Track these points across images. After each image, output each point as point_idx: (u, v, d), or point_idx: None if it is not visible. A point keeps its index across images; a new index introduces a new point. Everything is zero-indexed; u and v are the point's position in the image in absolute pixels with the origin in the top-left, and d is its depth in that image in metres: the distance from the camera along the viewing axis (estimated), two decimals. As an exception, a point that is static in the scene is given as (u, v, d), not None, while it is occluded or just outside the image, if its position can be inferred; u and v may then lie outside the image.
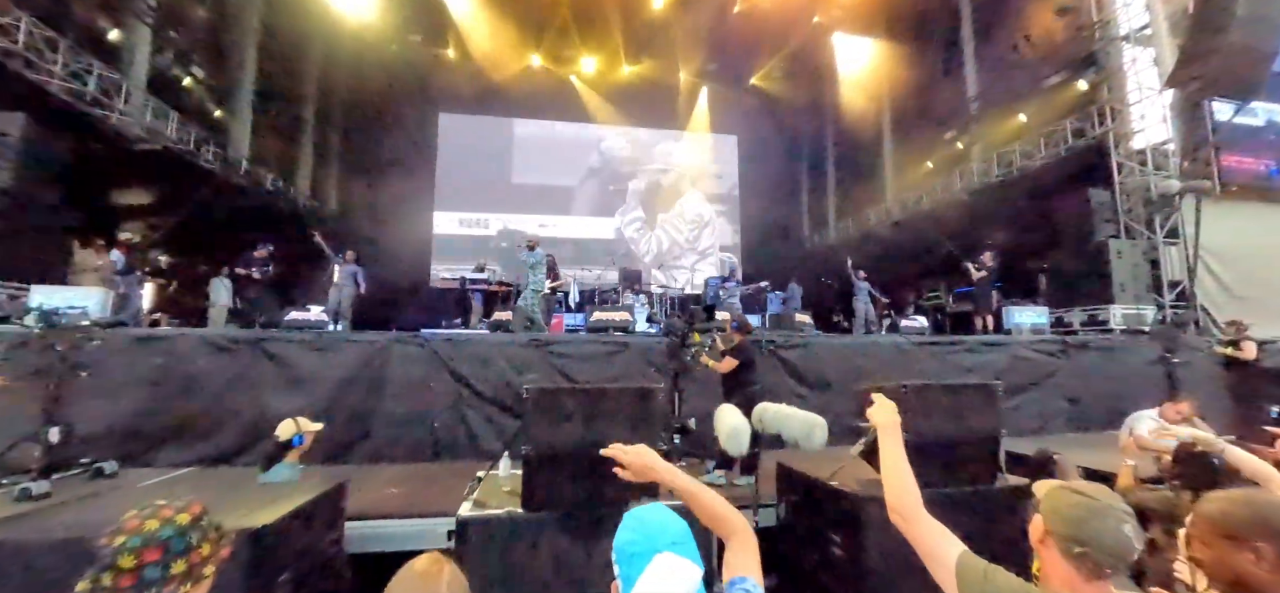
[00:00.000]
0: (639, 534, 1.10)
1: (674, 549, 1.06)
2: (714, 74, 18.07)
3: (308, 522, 2.44)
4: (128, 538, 1.12)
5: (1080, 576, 1.17)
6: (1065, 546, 1.19)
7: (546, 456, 2.28)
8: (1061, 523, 1.21)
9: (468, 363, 5.42)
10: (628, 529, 1.14)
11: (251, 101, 12.65)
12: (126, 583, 1.09)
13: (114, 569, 1.09)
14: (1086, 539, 1.16)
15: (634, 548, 1.07)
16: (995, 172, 12.08)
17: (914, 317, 9.66)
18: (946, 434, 2.82)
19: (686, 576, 1.02)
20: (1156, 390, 6.21)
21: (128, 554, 1.11)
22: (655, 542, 1.07)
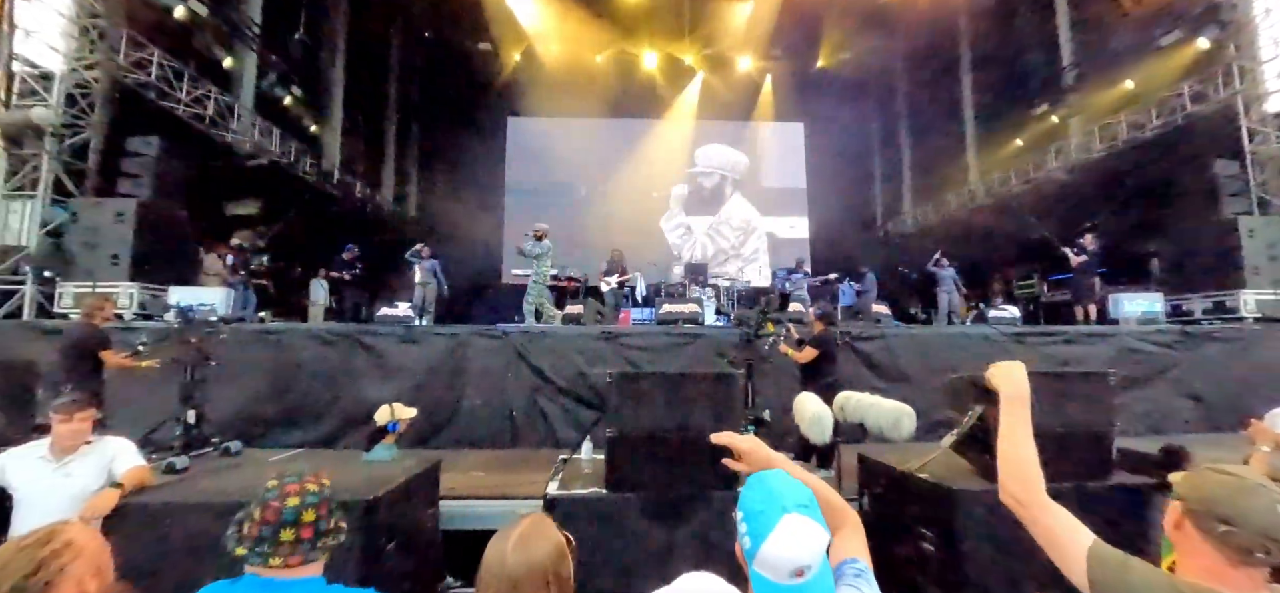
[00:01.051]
0: (767, 495, 1.09)
1: (801, 512, 1.06)
2: (778, 60, 17.55)
3: (409, 497, 2.64)
4: (303, 498, 1.30)
5: (1225, 560, 1.03)
6: (1208, 524, 1.06)
7: (629, 439, 2.33)
8: (1203, 501, 1.08)
9: (543, 355, 5.62)
10: (754, 490, 1.12)
11: (341, 115, 13.70)
12: (306, 535, 1.27)
13: (297, 524, 1.27)
14: (1233, 517, 1.03)
15: (762, 507, 1.06)
16: (1097, 146, 10.98)
17: (1003, 307, 9.00)
18: (1049, 426, 2.62)
19: (815, 537, 1.01)
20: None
21: (309, 509, 1.29)
22: (783, 503, 1.06)
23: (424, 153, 17.01)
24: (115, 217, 6.94)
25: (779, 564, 0.99)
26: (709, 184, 17.37)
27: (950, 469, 2.77)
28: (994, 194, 13.49)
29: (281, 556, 1.24)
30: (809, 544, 1.00)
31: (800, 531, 1.01)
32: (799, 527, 1.01)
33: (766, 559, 1.00)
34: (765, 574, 1.01)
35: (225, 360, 5.45)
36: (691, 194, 17.39)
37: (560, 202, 16.69)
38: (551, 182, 16.90)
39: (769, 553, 1.00)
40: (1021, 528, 2.58)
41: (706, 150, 17.60)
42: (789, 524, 1.01)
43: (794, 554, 0.99)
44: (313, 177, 11.94)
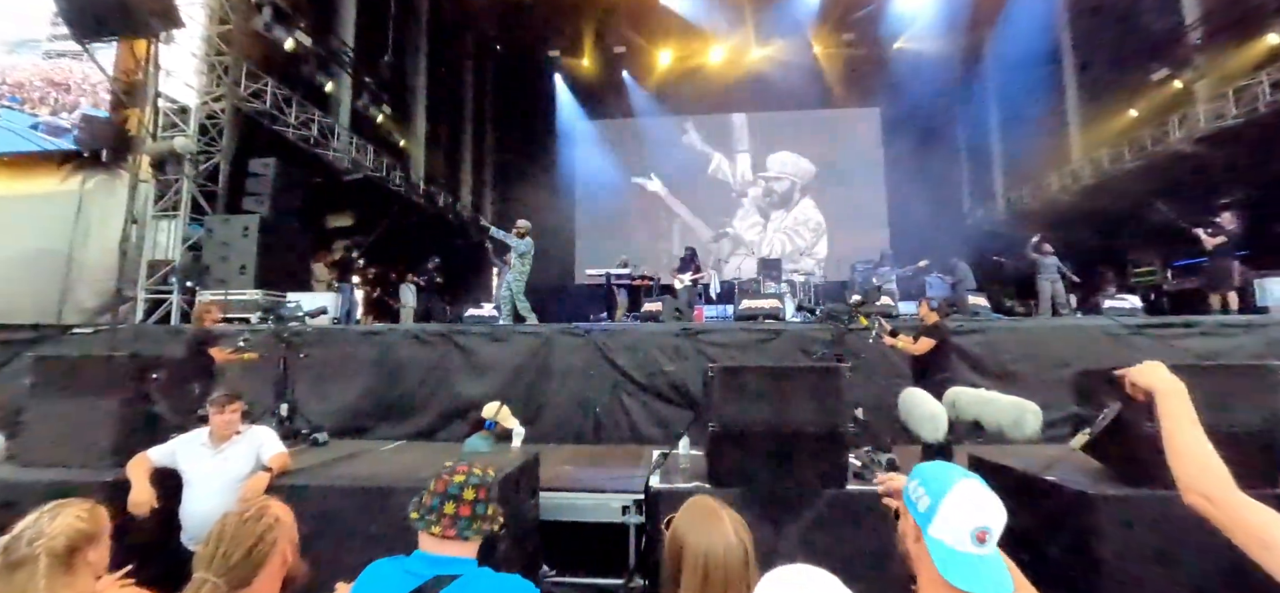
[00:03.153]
0: (939, 466, 1.07)
1: (981, 481, 1.02)
2: (851, 42, 16.81)
3: (516, 486, 2.76)
4: (467, 477, 1.41)
5: None
6: None
7: (731, 433, 2.32)
8: None
9: (623, 352, 5.71)
10: (924, 466, 1.10)
11: (424, 128, 14.60)
12: (464, 512, 1.38)
13: (458, 499, 1.38)
14: None
15: (937, 472, 1.04)
16: (1232, 112, 9.66)
17: (1118, 296, 8.13)
18: (1206, 425, 2.33)
19: (996, 506, 0.98)
20: None
21: (470, 489, 1.40)
22: (960, 472, 1.04)
23: (499, 160, 17.81)
24: (242, 232, 7.76)
25: (960, 524, 0.96)
26: (780, 188, 17.36)
27: (1080, 471, 2.54)
28: (1104, 173, 12.20)
29: (441, 526, 1.35)
30: (992, 509, 0.97)
31: (982, 493, 0.98)
32: (980, 490, 0.98)
33: (947, 519, 0.97)
34: (944, 539, 0.97)
35: (335, 359, 6.01)
36: (764, 195, 17.28)
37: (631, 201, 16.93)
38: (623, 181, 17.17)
39: (949, 512, 0.97)
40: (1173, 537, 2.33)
41: (778, 157, 17.57)
42: (969, 485, 0.98)
43: (976, 514, 0.96)
44: (401, 188, 12.79)
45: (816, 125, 17.28)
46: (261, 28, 9.30)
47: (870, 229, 16.22)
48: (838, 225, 16.78)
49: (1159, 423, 1.41)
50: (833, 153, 17.17)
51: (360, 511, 2.26)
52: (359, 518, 2.27)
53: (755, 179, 17.46)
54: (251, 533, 1.29)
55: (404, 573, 1.30)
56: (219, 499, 2.57)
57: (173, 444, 2.84)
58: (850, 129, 17.33)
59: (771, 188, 17.35)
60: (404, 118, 13.93)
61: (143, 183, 8.18)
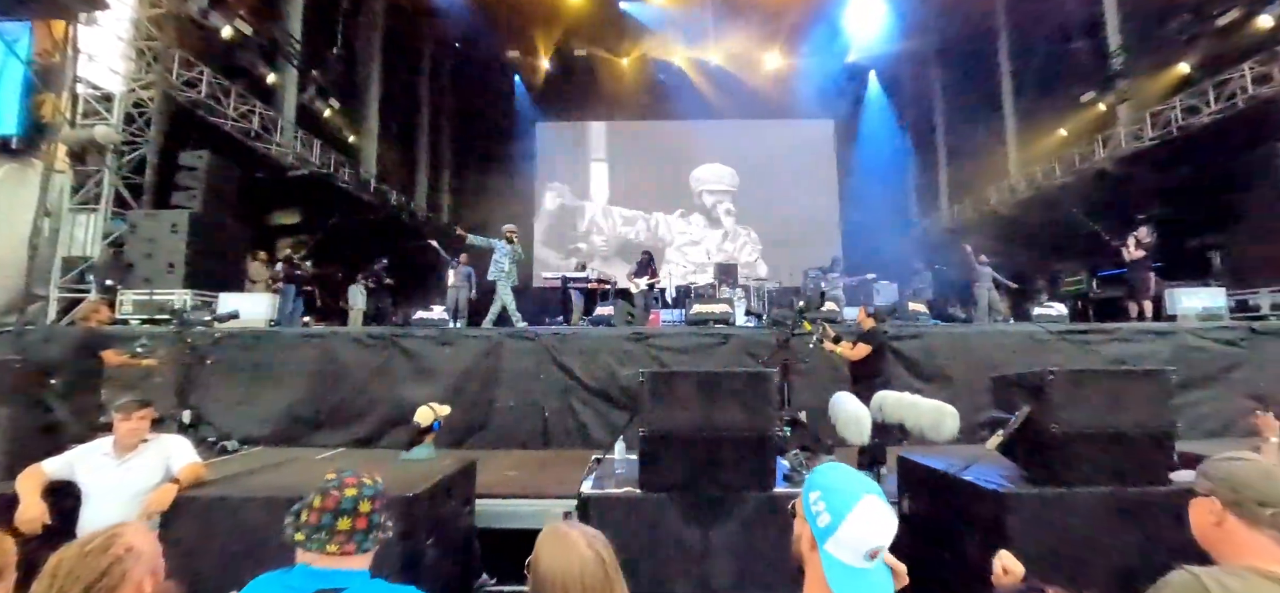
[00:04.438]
0: (841, 477, 1.08)
1: (880, 496, 1.04)
2: (806, 55, 17.33)
3: (447, 495, 2.69)
4: (360, 490, 1.35)
5: (1274, 540, 1.08)
6: (1254, 513, 1.10)
7: (662, 438, 2.32)
8: (1241, 493, 1.13)
9: (574, 356, 5.66)
10: (825, 474, 1.11)
11: (377, 125, 14.15)
12: (361, 525, 1.32)
13: (354, 513, 1.32)
14: (1270, 497, 1.09)
15: (839, 485, 1.05)
16: (1149, 134, 10.44)
17: (1049, 304, 8.63)
18: (1105, 427, 2.50)
19: (890, 523, 1.01)
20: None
21: (366, 501, 1.34)
22: (863, 486, 1.05)
23: (457, 160, 17.43)
24: (170, 228, 7.31)
25: (858, 543, 0.99)
26: (711, 201, 17.70)
27: (997, 471, 2.66)
28: (1036, 188, 12.97)
29: (337, 543, 1.29)
30: (887, 528, 1.00)
31: (880, 512, 1.00)
32: (879, 509, 1.00)
33: (845, 538, 0.99)
34: (839, 555, 0.99)
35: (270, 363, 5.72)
36: (696, 208, 17.64)
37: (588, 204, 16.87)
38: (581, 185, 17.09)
39: (848, 531, 0.99)
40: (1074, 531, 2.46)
41: (708, 169, 17.81)
42: (871, 504, 1.00)
43: (873, 535, 0.99)
44: (351, 186, 12.35)
45: (774, 134, 17.66)
46: (196, 13, 8.82)
47: (823, 236, 16.70)
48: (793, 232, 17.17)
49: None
50: (790, 161, 17.57)
51: (279, 523, 2.14)
52: (278, 531, 2.15)
53: (692, 189, 17.68)
54: (93, 568, 1.12)
55: (285, 590, 1.24)
56: (120, 514, 2.38)
57: (70, 455, 2.63)
58: (805, 139, 17.79)
59: (702, 201, 17.62)
60: (354, 114, 13.46)
61: (58, 173, 7.61)
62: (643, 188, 17.34)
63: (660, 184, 17.35)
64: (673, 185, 17.45)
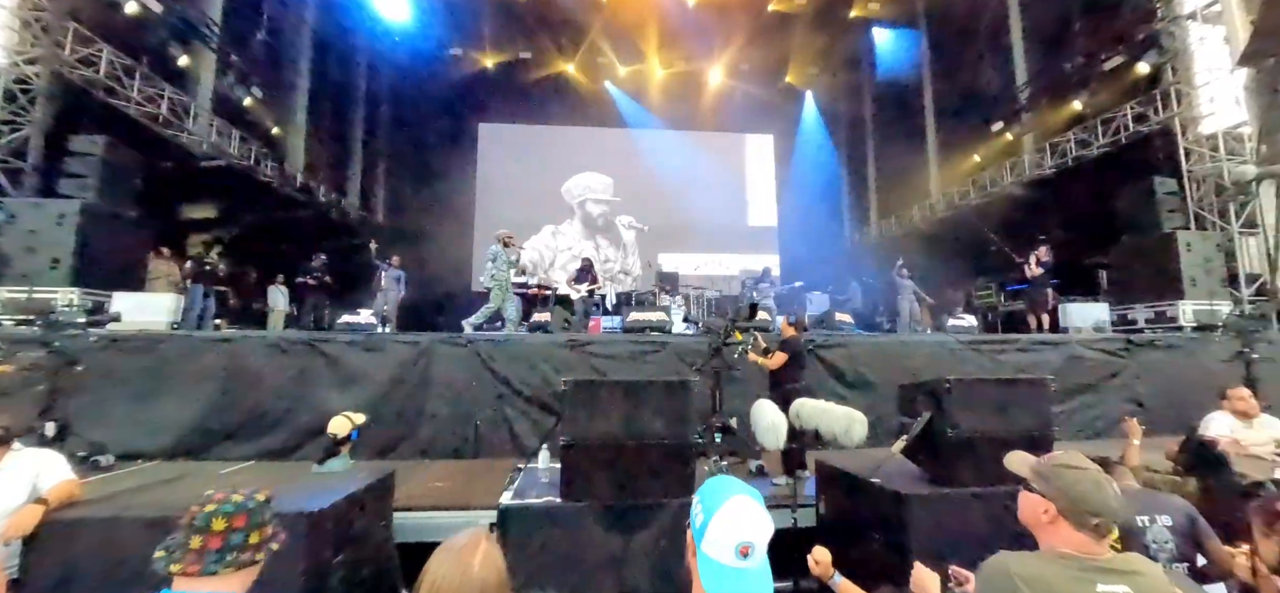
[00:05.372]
0: (720, 484, 1.11)
1: (752, 497, 1.07)
2: (748, 74, 17.92)
3: (360, 509, 2.56)
4: (220, 506, 1.28)
5: (1090, 536, 1.31)
6: (1082, 518, 1.30)
7: (583, 447, 2.32)
8: (1073, 501, 1.33)
9: (508, 363, 5.55)
10: (709, 483, 1.15)
11: (306, 118, 13.38)
12: (214, 545, 1.24)
13: (206, 531, 1.24)
14: (1100, 508, 1.31)
15: (716, 488, 1.09)
16: (1048, 163, 11.51)
17: (962, 316, 9.30)
18: (994, 431, 2.72)
19: (762, 520, 1.04)
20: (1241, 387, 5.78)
21: (220, 518, 1.26)
22: (735, 488, 1.09)
23: (393, 159, 16.73)
24: (56, 219, 6.60)
25: (725, 539, 1.01)
26: (596, 211, 17.51)
27: (900, 473, 2.84)
28: (954, 208, 13.97)
29: (184, 562, 1.21)
30: (756, 525, 1.03)
31: (748, 509, 1.03)
32: (747, 506, 1.03)
33: (713, 535, 1.02)
34: (712, 553, 1.02)
35: (171, 370, 5.27)
36: (581, 217, 17.44)
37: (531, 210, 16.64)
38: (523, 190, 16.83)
39: (716, 528, 1.02)
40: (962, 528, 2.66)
41: (594, 178, 17.55)
42: (738, 502, 1.03)
43: (740, 530, 1.02)
44: (274, 180, 11.61)
45: (718, 146, 18.10)
46: (96, -16, 8.05)
47: (761, 246, 17.27)
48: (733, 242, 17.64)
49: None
50: (732, 172, 18.07)
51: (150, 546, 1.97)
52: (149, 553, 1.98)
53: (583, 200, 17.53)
54: None
55: None
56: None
57: (-86, 475, 2.32)
58: (747, 152, 18.35)
59: (587, 211, 17.43)
60: (280, 104, 12.68)
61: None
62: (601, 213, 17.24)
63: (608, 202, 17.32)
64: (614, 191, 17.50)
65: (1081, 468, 1.39)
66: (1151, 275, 8.70)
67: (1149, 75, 9.95)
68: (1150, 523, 2.50)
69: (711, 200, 17.80)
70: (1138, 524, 2.52)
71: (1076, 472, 1.38)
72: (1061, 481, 1.37)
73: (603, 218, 17.33)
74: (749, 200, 18.01)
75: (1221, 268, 8.48)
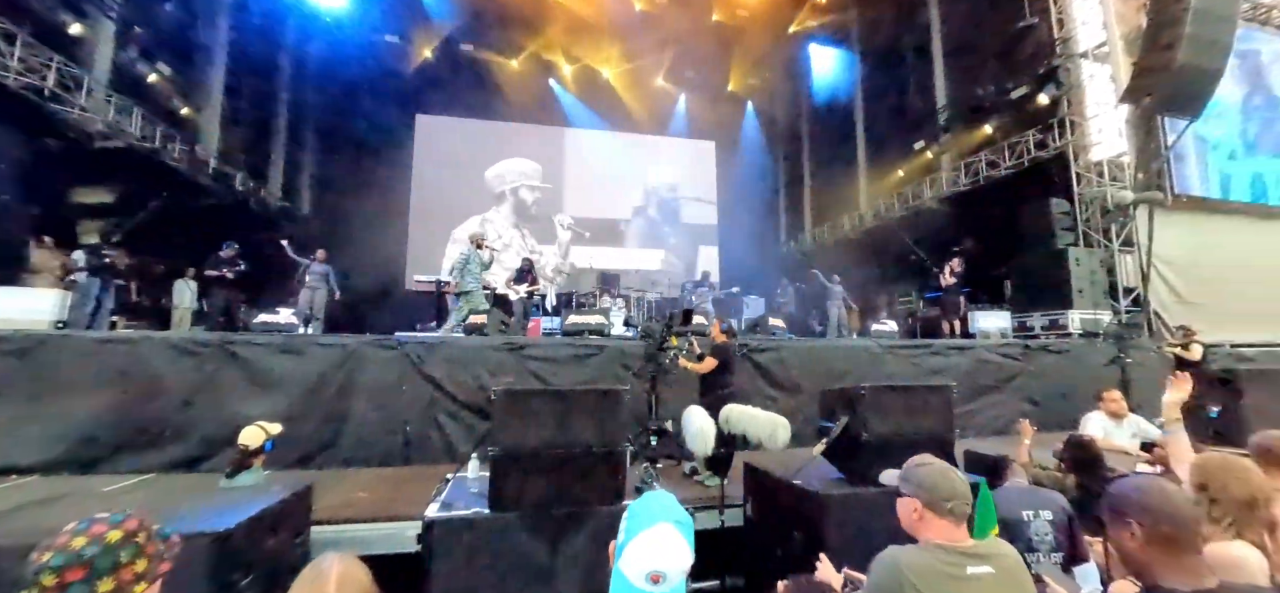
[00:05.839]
0: (655, 502, 1.14)
1: (679, 528, 1.10)
2: (692, 81, 18.28)
3: (272, 526, 2.43)
4: (52, 556, 1.07)
5: (952, 523, 1.53)
6: (941, 507, 1.53)
7: (513, 455, 2.31)
8: (933, 495, 1.55)
9: (441, 366, 5.39)
10: (647, 497, 1.18)
11: (221, 100, 12.39)
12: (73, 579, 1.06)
13: (38, 587, 1.05)
14: (952, 495, 1.54)
15: (646, 508, 1.12)
16: (963, 180, 12.45)
17: (886, 321, 9.91)
18: (903, 434, 2.93)
19: (679, 552, 1.06)
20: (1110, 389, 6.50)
21: (49, 574, 1.06)
22: (666, 514, 1.11)
23: (322, 147, 15.76)
24: (-89, 200, 5.79)
25: (641, 563, 1.04)
26: (530, 198, 16.99)
27: (820, 475, 3.00)
28: (880, 219, 14.84)
29: None
30: (673, 556, 1.06)
31: (670, 540, 1.07)
32: (670, 536, 1.07)
33: (631, 556, 1.05)
34: (627, 572, 1.05)
35: (56, 374, 4.76)
36: (512, 205, 16.85)
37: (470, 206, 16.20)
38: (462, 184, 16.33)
39: (635, 549, 1.05)
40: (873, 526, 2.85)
41: (524, 163, 17.03)
42: (662, 530, 1.07)
43: (657, 559, 1.05)
44: (183, 164, 10.68)
45: (658, 150, 18.31)
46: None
47: (702, 250, 17.66)
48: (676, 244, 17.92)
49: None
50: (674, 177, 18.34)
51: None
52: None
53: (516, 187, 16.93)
54: None
55: None
56: None
57: None
58: (689, 158, 18.68)
59: (520, 198, 16.85)
60: (191, 81, 11.69)
61: None
62: (535, 200, 16.89)
63: (545, 194, 17.06)
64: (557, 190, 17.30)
65: (929, 464, 1.63)
66: (1047, 287, 9.61)
67: (1048, 106, 10.97)
68: (1033, 517, 2.78)
69: (653, 202, 18.00)
70: (1023, 518, 2.79)
71: (926, 467, 1.62)
72: (917, 478, 1.60)
73: (536, 206, 16.79)
74: (691, 205, 18.34)
75: (1104, 281, 9.49)
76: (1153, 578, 1.33)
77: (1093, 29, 10.18)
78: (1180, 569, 1.31)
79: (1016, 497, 2.90)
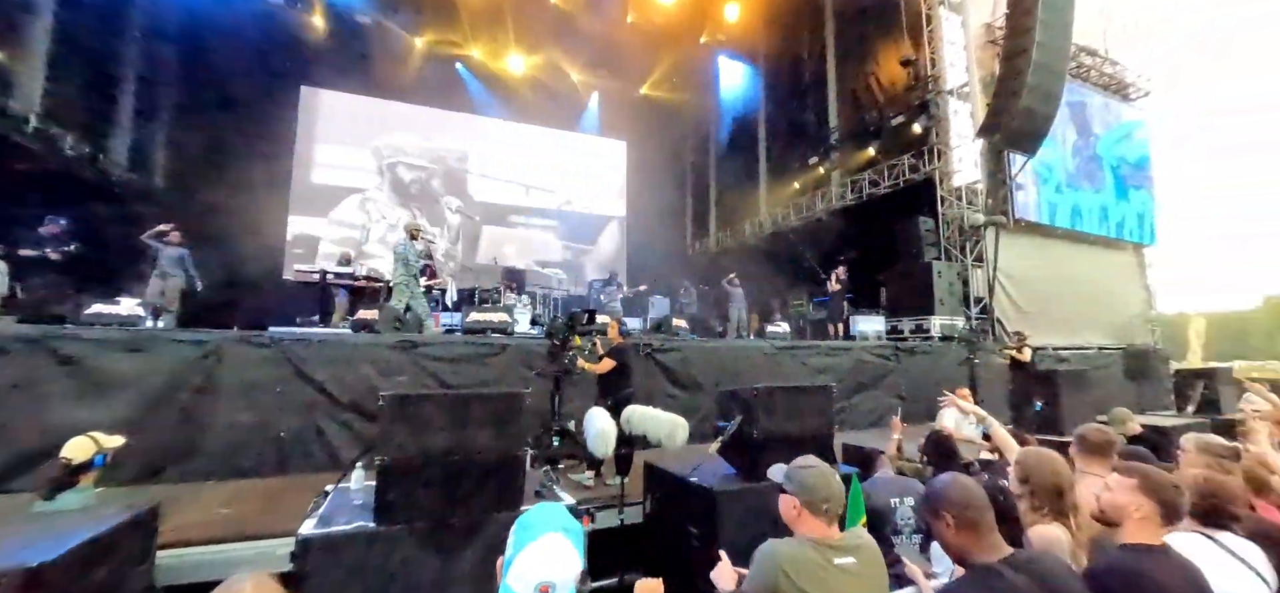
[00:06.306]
0: (541, 515, 1.13)
1: (568, 537, 1.09)
2: (605, 78, 18.31)
3: (106, 554, 2.09)
4: None
5: (825, 521, 1.71)
6: (817, 507, 1.70)
7: (404, 464, 2.18)
8: (811, 495, 1.71)
9: (325, 366, 4.96)
10: (534, 510, 1.17)
11: (48, 44, 10.44)
12: None
13: None
14: (830, 497, 1.72)
15: (532, 520, 1.11)
16: (849, 196, 13.63)
17: (780, 323, 10.58)
18: (790, 431, 3.15)
19: (567, 561, 1.06)
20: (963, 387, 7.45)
21: None
22: (552, 524, 1.10)
23: (183, 113, 13.72)
24: None
25: (528, 576, 1.04)
26: (408, 176, 15.81)
27: (715, 472, 3.14)
28: (778, 227, 15.84)
29: None
30: (561, 565, 1.06)
31: (558, 549, 1.06)
32: (558, 546, 1.06)
33: (519, 570, 1.05)
34: (514, 587, 1.04)
35: None
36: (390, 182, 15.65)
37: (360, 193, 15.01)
38: (352, 166, 15.07)
39: (522, 563, 1.05)
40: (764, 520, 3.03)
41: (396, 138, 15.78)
42: (549, 541, 1.06)
43: (545, 570, 1.04)
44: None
45: (570, 146, 18.14)
46: None
47: (611, 249, 17.78)
48: (585, 243, 17.87)
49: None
50: (584, 174, 18.25)
51: None
52: None
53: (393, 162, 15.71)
54: None
55: None
56: None
57: None
58: (600, 155, 18.69)
59: (398, 175, 15.64)
60: (4, 24, 9.73)
61: None
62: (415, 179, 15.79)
63: (434, 176, 16.01)
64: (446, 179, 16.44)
65: (812, 467, 1.78)
66: (915, 294, 10.81)
67: (921, 135, 12.30)
68: (899, 503, 3.12)
69: (562, 198, 17.80)
70: (891, 504, 3.12)
71: (809, 470, 1.77)
72: (800, 478, 1.76)
73: (416, 185, 15.64)
74: (600, 202, 18.36)
75: (960, 291, 10.84)
76: (968, 557, 1.57)
77: (958, 70, 11.57)
78: (986, 547, 1.55)
79: (885, 486, 3.23)
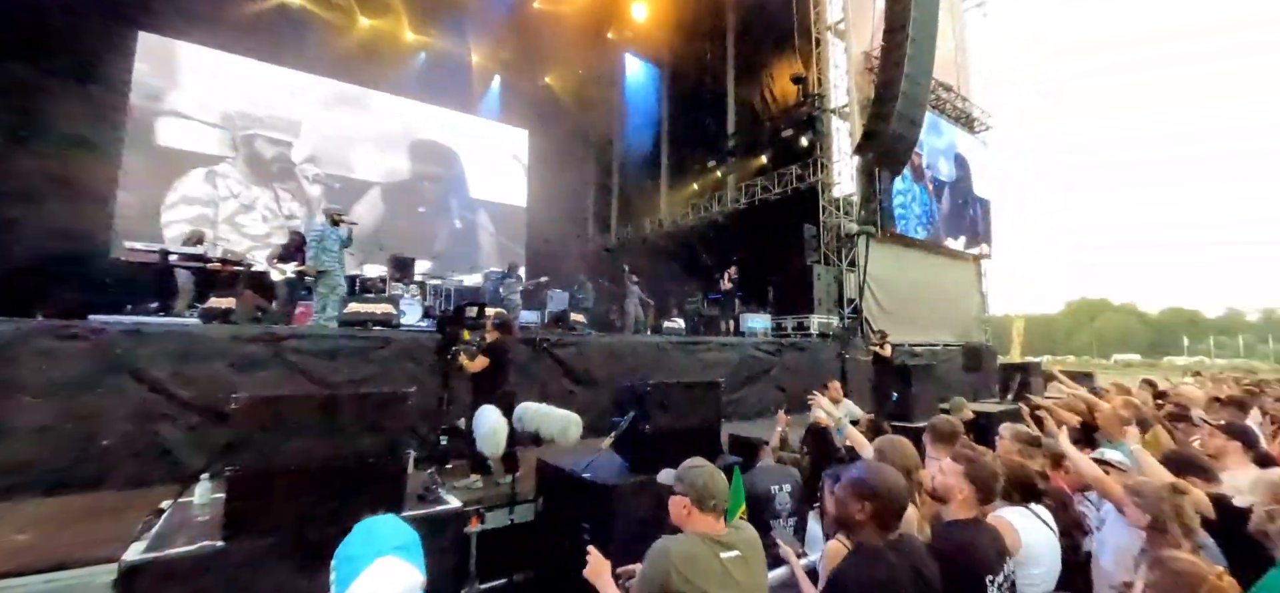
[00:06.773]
0: (363, 541, 1.03)
1: (398, 555, 1.02)
2: (508, 63, 17.69)
3: None
4: None
5: (714, 517, 1.80)
6: (707, 504, 1.79)
7: (263, 475, 1.94)
8: (701, 494, 1.79)
9: (162, 361, 4.28)
10: (353, 537, 1.06)
11: None
12: None
13: None
14: (717, 494, 1.80)
15: (354, 552, 1.01)
16: (742, 200, 14.39)
17: (675, 319, 10.92)
18: (683, 425, 3.27)
19: (406, 580, 1.00)
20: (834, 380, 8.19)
21: None
22: (379, 547, 1.01)
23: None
24: None
25: None
26: (270, 153, 13.89)
27: (608, 467, 3.17)
28: (676, 226, 16.34)
29: None
30: (399, 586, 1.00)
31: (392, 573, 0.99)
32: (389, 571, 0.99)
33: None
34: None
35: None
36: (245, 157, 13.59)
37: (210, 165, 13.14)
38: (205, 133, 13.12)
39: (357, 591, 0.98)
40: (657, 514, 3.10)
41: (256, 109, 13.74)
42: (381, 567, 0.99)
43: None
44: None
45: (468, 130, 17.30)
46: None
47: (510, 240, 17.26)
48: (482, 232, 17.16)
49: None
50: (483, 160, 17.49)
51: None
52: None
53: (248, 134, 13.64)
54: None
55: None
56: None
57: None
58: (500, 142, 18.01)
59: (254, 148, 13.66)
60: None
61: None
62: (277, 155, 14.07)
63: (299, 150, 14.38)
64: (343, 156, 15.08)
65: (700, 467, 1.85)
66: (797, 295, 11.72)
67: (807, 147, 13.30)
68: (779, 490, 3.36)
69: (458, 185, 16.95)
70: (772, 491, 3.35)
71: (697, 470, 1.84)
72: (689, 478, 1.82)
73: (278, 164, 13.88)
74: (500, 190, 17.71)
75: (836, 293, 11.90)
76: (859, 538, 1.74)
77: (840, 91, 12.67)
78: (885, 530, 1.72)
79: (767, 474, 3.46)
